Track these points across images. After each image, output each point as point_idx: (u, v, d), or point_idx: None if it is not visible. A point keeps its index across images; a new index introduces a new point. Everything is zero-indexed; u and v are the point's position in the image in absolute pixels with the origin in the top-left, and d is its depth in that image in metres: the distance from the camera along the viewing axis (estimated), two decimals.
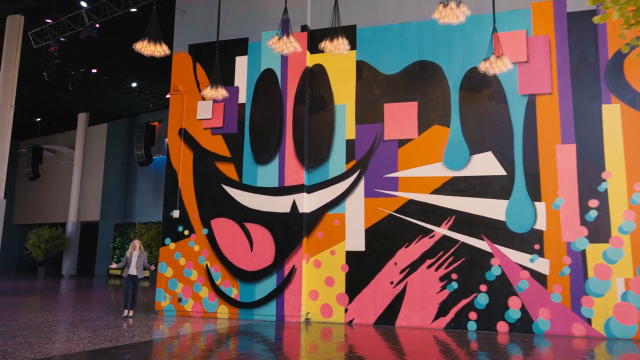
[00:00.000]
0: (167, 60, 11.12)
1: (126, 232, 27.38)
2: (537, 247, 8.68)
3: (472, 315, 8.84)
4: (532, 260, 8.66)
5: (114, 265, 9.71)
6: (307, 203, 10.07)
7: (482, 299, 8.82)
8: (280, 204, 10.08)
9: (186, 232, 10.60)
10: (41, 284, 21.01)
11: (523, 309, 8.58)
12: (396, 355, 7.07)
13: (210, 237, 10.42)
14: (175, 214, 10.72)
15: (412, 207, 9.49)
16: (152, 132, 23.11)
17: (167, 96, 23.66)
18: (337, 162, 10.11)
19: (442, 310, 9.01)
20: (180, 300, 10.41)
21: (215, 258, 10.29)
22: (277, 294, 9.81)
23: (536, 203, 8.80)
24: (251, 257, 10.08)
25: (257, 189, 10.29)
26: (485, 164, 9.20)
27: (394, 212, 9.58)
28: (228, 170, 10.55)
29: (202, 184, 10.69)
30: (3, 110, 15.65)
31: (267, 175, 10.28)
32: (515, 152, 9.04)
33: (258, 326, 9.25)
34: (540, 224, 8.72)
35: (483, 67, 8.06)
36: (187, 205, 10.71)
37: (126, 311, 9.61)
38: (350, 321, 9.54)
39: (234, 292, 10.09)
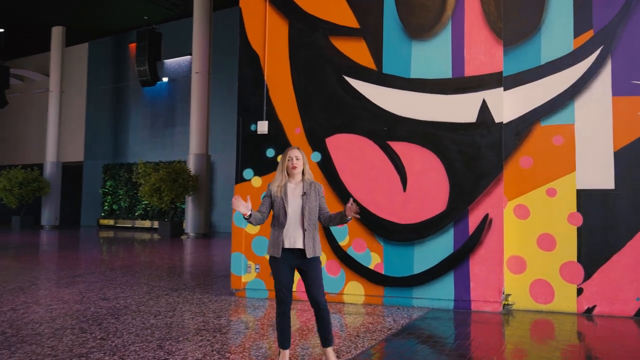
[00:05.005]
0: None
1: (119, 174, 22.68)
2: None
3: None
4: None
5: (242, 207, 3.43)
6: (509, 106, 5.78)
7: None
8: (457, 109, 5.75)
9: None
10: (17, 237, 16.46)
11: None
12: None
13: (327, 166, 6.10)
14: (261, 127, 6.29)
15: None
16: (158, 42, 17.96)
17: None
18: (555, 34, 5.76)
19: None
20: None
21: (337, 202, 6.01)
22: (455, 262, 5.67)
23: None
24: (404, 200, 5.83)
25: (411, 83, 5.90)
26: None
27: None
28: (355, 51, 6.08)
29: (307, 76, 6.22)
30: None
31: (430, 57, 5.86)
32: None
33: (426, 321, 5.17)
34: None
35: None
36: (281, 113, 6.27)
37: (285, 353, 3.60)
38: (589, 309, 5.53)
39: (374, 260, 5.90)
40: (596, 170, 5.57)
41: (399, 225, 5.82)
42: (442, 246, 5.70)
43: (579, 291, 5.57)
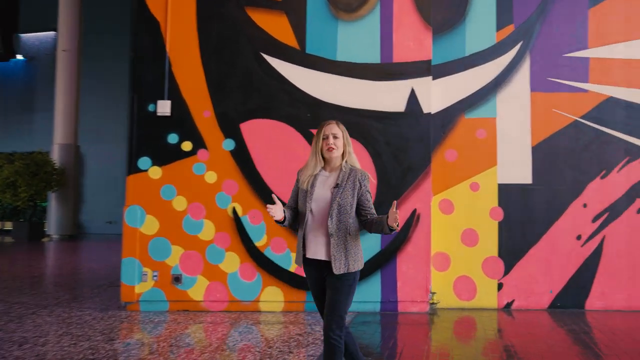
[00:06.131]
0: None
1: None
2: None
3: None
4: None
5: (277, 212, 2.64)
6: (435, 97, 5.53)
7: None
8: (385, 97, 5.36)
9: (187, 147, 5.30)
10: None
11: None
12: None
13: (241, 156, 5.32)
14: (162, 108, 5.28)
15: (615, 111, 5.61)
16: (14, 11, 15.21)
17: None
18: (480, 26, 5.67)
19: None
20: (177, 279, 5.24)
21: (254, 197, 5.27)
22: (382, 261, 5.28)
23: None
24: None
25: (337, 66, 5.38)
26: None
27: (581, 118, 5.61)
28: (275, 26, 5.38)
29: (219, 51, 5.36)
30: None
31: (357, 40, 5.39)
32: None
33: (357, 327, 4.73)
34: None
35: None
36: (186, 92, 5.34)
37: None
38: (508, 304, 5.52)
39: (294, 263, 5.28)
40: (515, 165, 5.58)
41: None
42: (368, 244, 5.25)
43: (499, 286, 5.53)
